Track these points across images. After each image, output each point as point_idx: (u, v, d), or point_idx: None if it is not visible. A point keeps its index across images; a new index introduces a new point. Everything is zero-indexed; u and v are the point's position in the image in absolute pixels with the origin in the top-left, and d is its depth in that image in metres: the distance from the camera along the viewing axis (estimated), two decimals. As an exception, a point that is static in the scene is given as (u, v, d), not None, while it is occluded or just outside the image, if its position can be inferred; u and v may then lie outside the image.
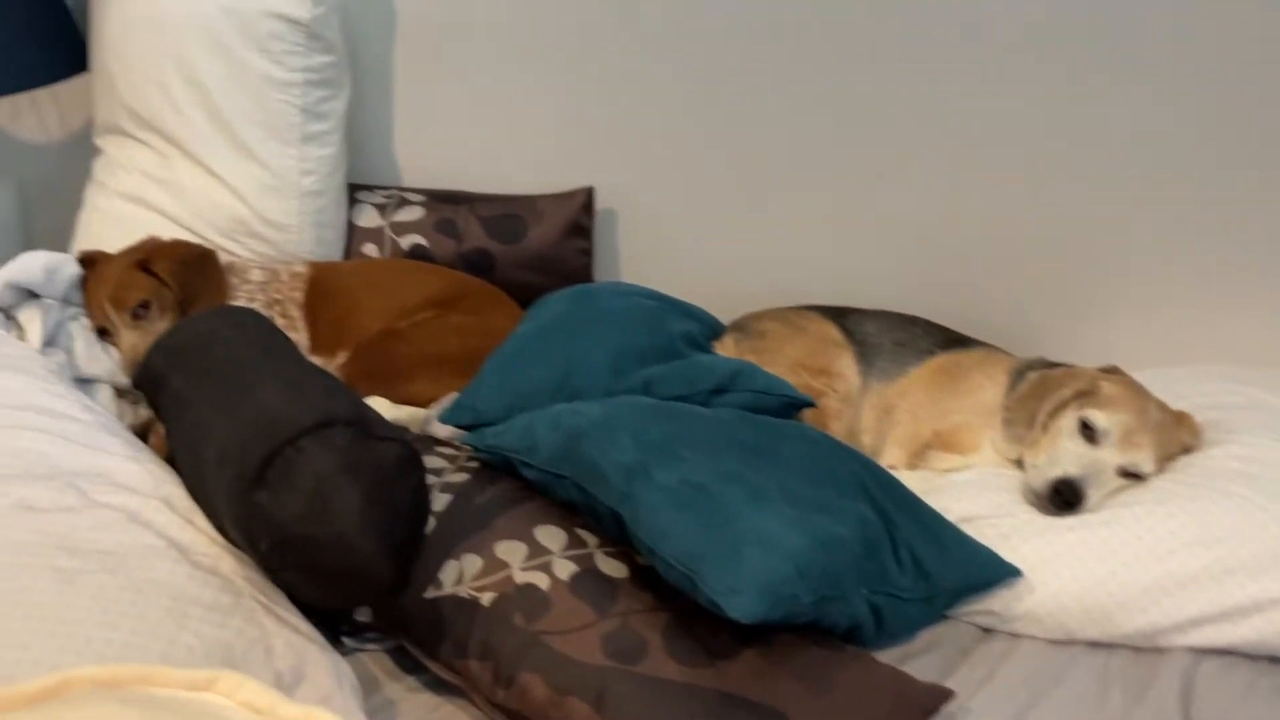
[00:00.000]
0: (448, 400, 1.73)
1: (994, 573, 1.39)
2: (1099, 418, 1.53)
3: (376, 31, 2.10)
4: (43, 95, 2.24)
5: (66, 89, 2.17)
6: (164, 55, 1.90)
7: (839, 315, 1.90)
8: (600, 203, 2.13)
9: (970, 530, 1.46)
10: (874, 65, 1.96)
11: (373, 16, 2.09)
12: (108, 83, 1.97)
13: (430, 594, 1.27)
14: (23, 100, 2.25)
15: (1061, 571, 1.41)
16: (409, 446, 1.24)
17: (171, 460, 1.45)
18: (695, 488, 1.24)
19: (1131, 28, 1.84)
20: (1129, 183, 1.94)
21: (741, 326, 1.90)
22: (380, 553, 1.18)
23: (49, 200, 2.23)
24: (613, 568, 1.29)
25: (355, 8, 2.06)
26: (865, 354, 1.82)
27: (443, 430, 1.66)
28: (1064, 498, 1.47)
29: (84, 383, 1.68)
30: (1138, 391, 1.59)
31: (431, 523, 1.34)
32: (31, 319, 1.68)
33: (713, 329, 1.92)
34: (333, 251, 2.07)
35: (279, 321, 1.87)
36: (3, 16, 1.89)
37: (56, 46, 2.01)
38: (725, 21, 1.97)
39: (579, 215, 2.09)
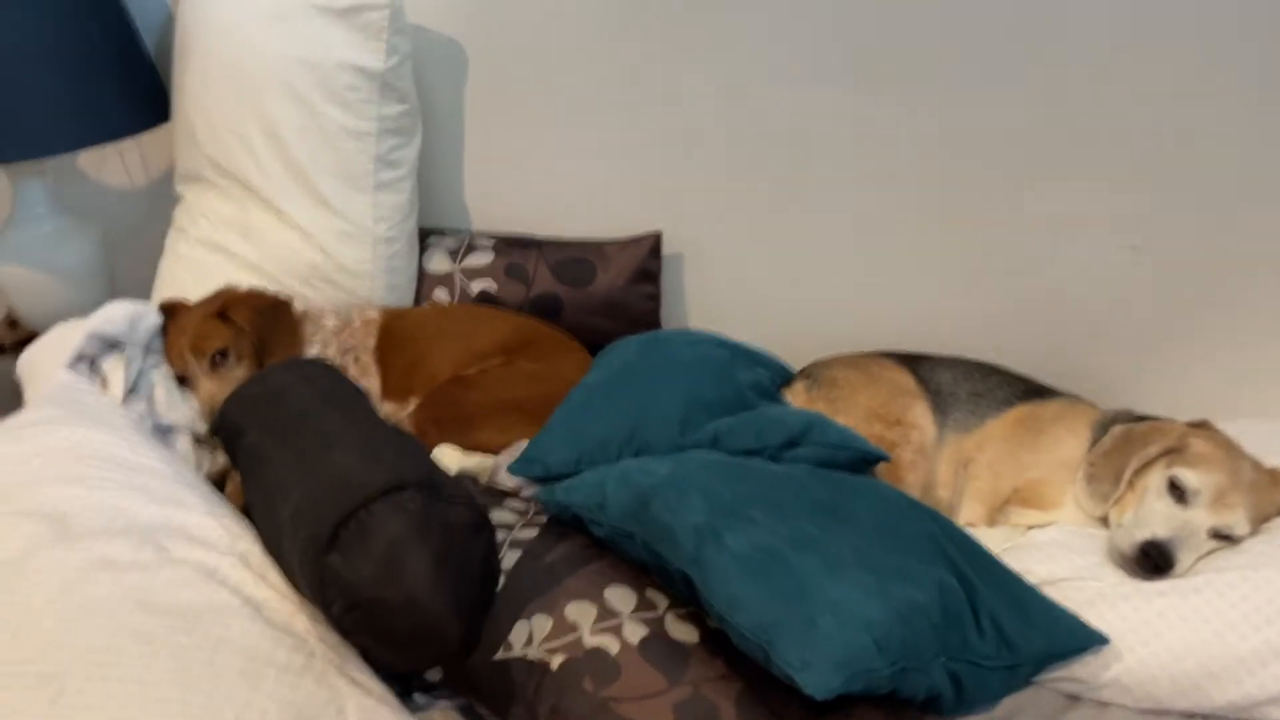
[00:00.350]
0: (516, 449, 1.73)
1: (1080, 640, 1.34)
2: (1189, 477, 1.47)
3: (446, 78, 2.11)
4: (127, 143, 2.31)
5: (150, 136, 2.23)
6: (243, 106, 1.94)
7: (912, 362, 1.86)
8: (668, 247, 2.12)
9: (1054, 594, 1.41)
10: (950, 105, 1.91)
11: (443, 63, 2.10)
12: (188, 132, 2.01)
13: (500, 655, 1.27)
14: (108, 147, 2.31)
15: (1150, 639, 1.35)
16: (479, 509, 1.24)
17: (247, 510, 1.47)
18: (768, 553, 1.22)
19: (1230, 75, 1.78)
20: (1218, 223, 1.87)
21: (812, 374, 1.86)
22: (451, 615, 1.18)
23: (134, 246, 2.27)
24: (684, 632, 1.27)
25: (426, 55, 2.09)
26: (940, 404, 1.78)
27: (510, 480, 1.66)
28: (1153, 561, 1.41)
29: (164, 430, 1.72)
30: (1229, 448, 1.53)
31: (500, 581, 1.33)
32: (115, 368, 1.72)
33: (782, 376, 1.89)
34: (404, 297, 2.09)
35: (351, 369, 1.89)
36: (92, 72, 1.94)
37: (141, 98, 2.06)
38: (797, 62, 1.95)
39: (647, 260, 2.08)
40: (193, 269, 2.04)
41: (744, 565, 1.20)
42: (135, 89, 2.05)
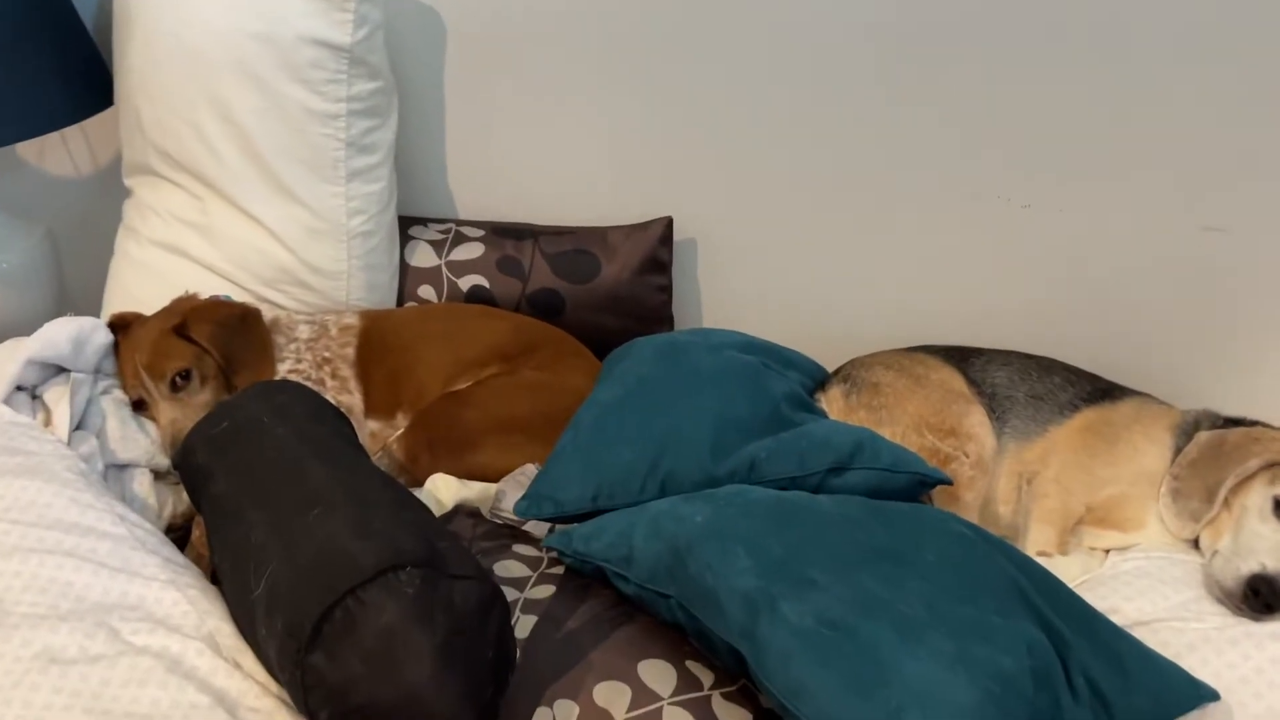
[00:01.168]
0: (521, 474, 1.54)
1: (1186, 697, 1.16)
2: (1299, 497, 1.30)
3: (425, 49, 1.89)
4: (71, 129, 2.08)
5: (97, 121, 2.01)
6: (193, 89, 1.71)
7: (960, 359, 1.67)
8: (679, 233, 1.93)
9: (1148, 637, 1.23)
10: (998, 75, 1.72)
11: (420, 31, 1.88)
12: (134, 119, 1.80)
13: (519, 748, 1.08)
14: (51, 135, 2.08)
15: (1265, 691, 1.18)
16: (489, 581, 1.05)
17: (214, 565, 1.28)
18: (833, 626, 1.03)
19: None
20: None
21: (849, 376, 1.67)
22: (461, 711, 1.00)
23: (84, 245, 2.08)
24: (734, 716, 1.08)
25: (400, 23, 1.86)
26: (995, 408, 1.59)
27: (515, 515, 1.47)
28: (1263, 599, 1.23)
29: (119, 468, 1.52)
30: (1341, 460, 1.35)
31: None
32: (59, 399, 1.51)
33: (815, 378, 1.70)
34: (386, 296, 1.89)
35: (329, 384, 1.69)
36: (27, 53, 1.72)
37: (82, 81, 1.84)
38: (824, 25, 1.73)
39: (656, 248, 1.90)
40: (146, 274, 1.84)
41: (807, 643, 1.01)
42: (76, 70, 1.83)
